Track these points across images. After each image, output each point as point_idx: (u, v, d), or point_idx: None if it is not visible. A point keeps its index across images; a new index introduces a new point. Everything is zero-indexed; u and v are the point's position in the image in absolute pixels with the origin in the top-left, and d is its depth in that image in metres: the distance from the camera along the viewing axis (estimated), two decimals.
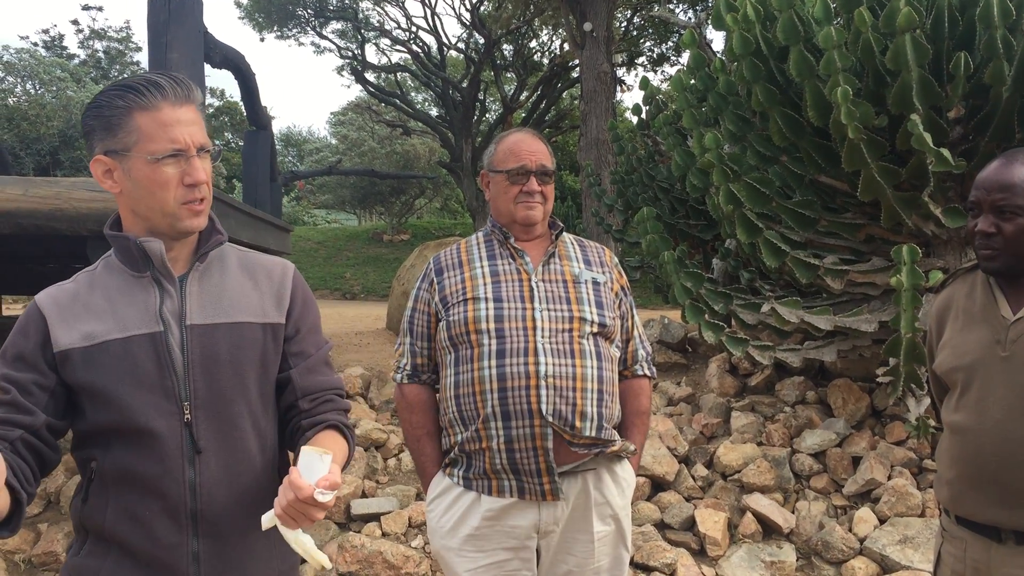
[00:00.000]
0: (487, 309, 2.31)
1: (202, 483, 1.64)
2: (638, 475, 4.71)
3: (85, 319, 1.66)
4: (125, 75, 28.08)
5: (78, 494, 1.71)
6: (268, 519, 1.57)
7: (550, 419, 2.23)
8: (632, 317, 2.56)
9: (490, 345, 2.28)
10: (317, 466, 1.51)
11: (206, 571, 1.66)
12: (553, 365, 2.25)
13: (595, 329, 2.35)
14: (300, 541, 1.56)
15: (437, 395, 2.48)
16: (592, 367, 2.30)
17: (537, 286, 2.36)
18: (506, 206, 2.43)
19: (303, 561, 1.70)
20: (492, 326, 2.29)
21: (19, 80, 23.11)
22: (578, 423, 2.26)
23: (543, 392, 2.23)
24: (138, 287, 1.69)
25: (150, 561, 1.63)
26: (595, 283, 2.42)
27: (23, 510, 1.58)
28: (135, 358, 1.63)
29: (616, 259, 2.61)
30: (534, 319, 2.30)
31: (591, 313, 2.35)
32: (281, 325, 1.79)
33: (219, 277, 1.76)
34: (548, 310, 2.32)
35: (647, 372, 2.57)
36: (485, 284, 2.36)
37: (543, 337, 2.28)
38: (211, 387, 1.67)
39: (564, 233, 2.53)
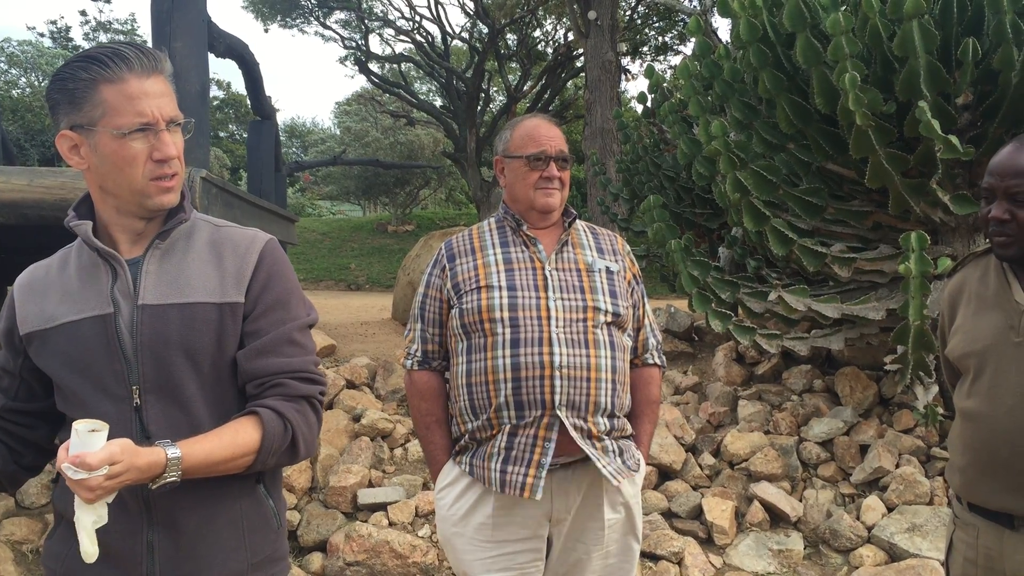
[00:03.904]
0: (501, 298, 2.29)
1: None
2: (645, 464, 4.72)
3: (49, 299, 1.64)
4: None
5: (56, 478, 1.68)
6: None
7: (562, 410, 2.22)
8: (643, 306, 2.54)
9: (504, 334, 2.26)
10: (88, 442, 1.41)
11: (161, 560, 1.60)
12: (567, 355, 2.24)
13: (609, 319, 2.33)
14: (81, 522, 1.47)
15: (447, 384, 2.46)
16: (606, 357, 2.29)
17: (551, 275, 2.34)
18: (524, 192, 2.40)
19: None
20: (506, 315, 2.27)
21: (23, 72, 23.14)
22: (591, 413, 2.25)
23: (557, 383, 2.22)
24: (98, 267, 1.64)
25: (106, 548, 1.56)
26: (609, 272, 2.40)
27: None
28: (86, 341, 1.59)
29: (628, 247, 2.59)
30: (548, 308, 2.28)
31: (605, 302, 2.34)
32: (240, 304, 1.66)
33: (181, 256, 1.67)
34: (562, 299, 2.30)
35: (657, 361, 2.56)
36: (498, 272, 2.34)
37: (557, 327, 2.26)
38: (161, 370, 1.59)
39: (577, 220, 2.51)
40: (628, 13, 20.48)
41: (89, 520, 1.46)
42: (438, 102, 26.66)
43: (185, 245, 1.69)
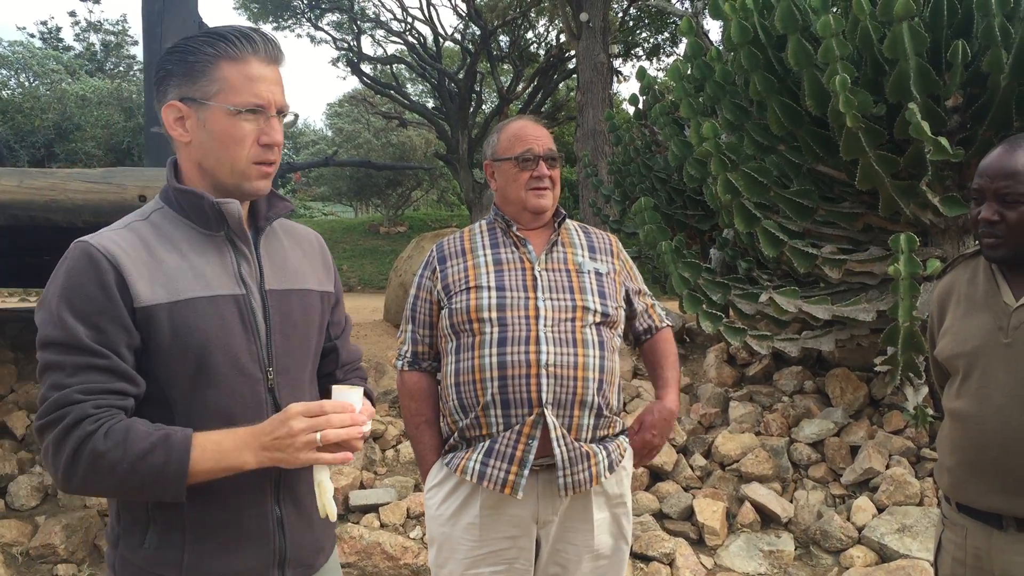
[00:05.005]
0: (489, 298, 2.30)
1: None
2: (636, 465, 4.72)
3: (161, 271, 1.52)
4: (122, 67, 28.02)
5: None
6: None
7: (549, 408, 2.22)
8: (642, 292, 2.61)
9: (492, 333, 2.27)
10: (353, 399, 1.54)
11: (290, 535, 1.64)
12: (555, 354, 2.25)
13: (598, 319, 2.34)
14: (322, 484, 1.57)
15: (438, 383, 2.47)
16: (594, 356, 2.30)
17: (540, 275, 2.35)
18: (516, 193, 2.41)
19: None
20: (494, 315, 2.28)
21: (13, 73, 23.05)
22: (577, 411, 2.25)
23: (543, 381, 2.22)
24: (210, 245, 1.60)
25: (235, 536, 1.57)
26: (598, 273, 2.42)
27: None
28: (223, 319, 1.55)
29: (621, 245, 2.61)
30: (537, 308, 2.29)
31: (594, 302, 2.35)
32: (331, 294, 1.82)
33: (277, 243, 1.73)
34: (551, 299, 2.31)
35: (668, 322, 2.66)
36: (488, 273, 2.35)
37: (545, 326, 2.27)
38: (288, 352, 1.65)
39: (568, 220, 2.52)
40: (620, 15, 20.51)
41: (329, 482, 1.57)
42: (430, 103, 26.63)
43: (271, 232, 1.74)
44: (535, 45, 24.19)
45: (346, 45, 23.71)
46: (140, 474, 1.41)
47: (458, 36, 24.07)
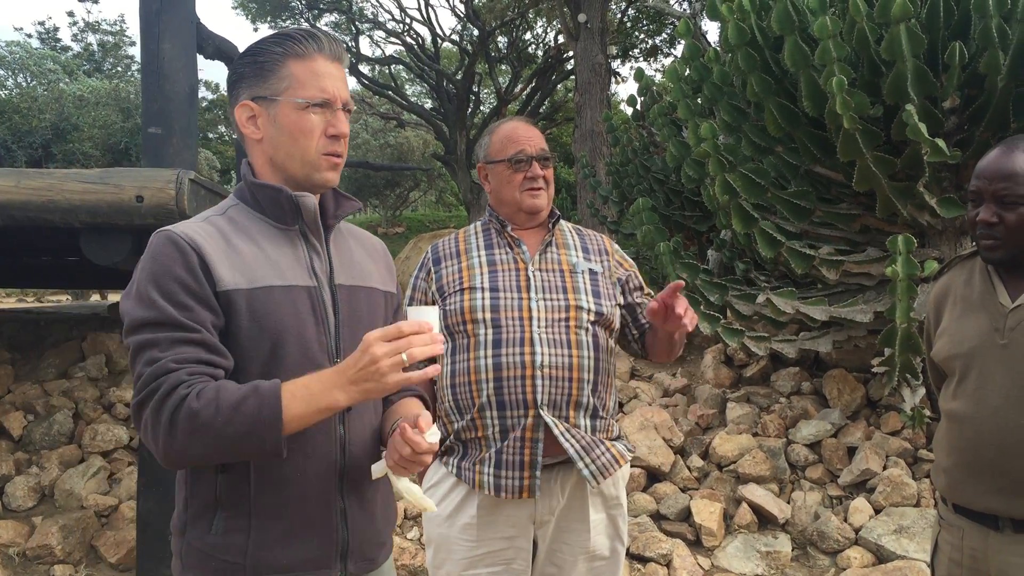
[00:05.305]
0: (483, 299, 2.31)
1: (351, 440, 1.65)
2: (634, 466, 4.73)
3: (239, 259, 1.58)
4: (120, 68, 28.02)
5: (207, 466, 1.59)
6: (379, 469, 1.62)
7: (544, 409, 2.22)
8: (644, 290, 2.58)
9: (486, 335, 2.28)
10: (431, 317, 1.53)
11: (352, 527, 1.67)
12: (549, 355, 2.25)
13: (592, 318, 2.34)
14: (410, 490, 1.62)
15: (435, 385, 2.47)
16: (589, 357, 2.30)
17: (533, 276, 2.35)
18: (511, 194, 2.41)
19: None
20: (488, 316, 2.29)
21: (10, 73, 23.02)
22: (572, 412, 2.26)
23: (538, 382, 2.23)
24: (284, 239, 1.66)
25: (299, 524, 1.59)
26: (592, 272, 2.42)
27: None
28: (296, 309, 1.60)
29: (616, 245, 2.61)
30: (530, 309, 2.30)
31: (588, 302, 2.35)
32: (394, 295, 1.86)
33: (343, 242, 1.78)
34: (544, 300, 2.31)
35: None
36: (482, 274, 2.36)
37: (539, 327, 2.27)
38: (355, 346, 1.62)
39: (561, 221, 2.52)
40: (618, 16, 20.52)
41: (415, 486, 1.65)
42: (428, 104, 26.65)
43: (338, 231, 1.79)
44: (533, 46, 24.21)
45: (344, 45, 23.71)
46: (236, 425, 1.43)
47: (456, 37, 24.10)
